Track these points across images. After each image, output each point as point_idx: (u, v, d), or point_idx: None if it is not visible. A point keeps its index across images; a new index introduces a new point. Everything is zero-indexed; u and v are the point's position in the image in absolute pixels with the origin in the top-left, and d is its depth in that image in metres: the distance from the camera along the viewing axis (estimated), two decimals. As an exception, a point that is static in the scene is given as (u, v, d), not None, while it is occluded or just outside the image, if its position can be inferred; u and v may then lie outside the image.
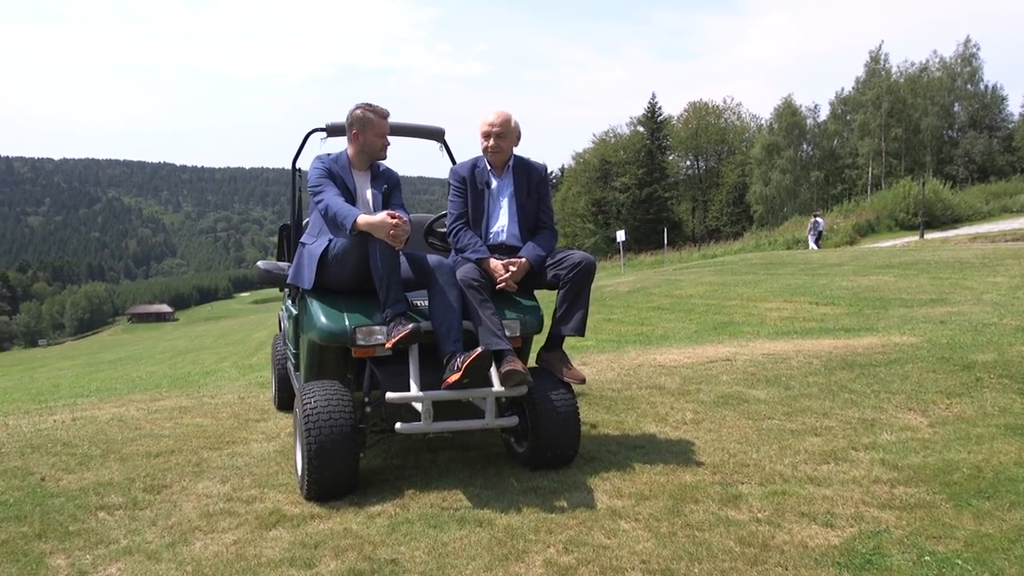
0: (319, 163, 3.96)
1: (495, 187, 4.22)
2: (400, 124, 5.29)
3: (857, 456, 4.06)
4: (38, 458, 4.44)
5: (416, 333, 3.54)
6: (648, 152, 62.80)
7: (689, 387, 5.69)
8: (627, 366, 6.58)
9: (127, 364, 20.91)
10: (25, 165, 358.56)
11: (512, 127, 4.17)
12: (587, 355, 7.50)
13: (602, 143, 67.01)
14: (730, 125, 66.74)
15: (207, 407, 5.64)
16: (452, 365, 3.57)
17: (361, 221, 3.59)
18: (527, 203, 4.23)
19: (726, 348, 7.39)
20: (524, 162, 4.28)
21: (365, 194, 4.03)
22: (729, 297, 14.27)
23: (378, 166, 4.12)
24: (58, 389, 12.06)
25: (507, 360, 3.66)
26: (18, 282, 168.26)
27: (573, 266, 3.97)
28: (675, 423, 4.79)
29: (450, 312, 3.68)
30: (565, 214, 65.35)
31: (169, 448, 4.55)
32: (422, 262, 3.81)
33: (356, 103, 4.02)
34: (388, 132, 4.03)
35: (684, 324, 11.51)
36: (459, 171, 4.27)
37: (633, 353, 7.37)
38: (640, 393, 5.57)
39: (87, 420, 5.37)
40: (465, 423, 3.67)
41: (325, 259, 3.79)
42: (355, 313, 3.77)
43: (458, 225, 4.20)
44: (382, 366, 3.77)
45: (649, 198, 60.61)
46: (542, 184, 4.29)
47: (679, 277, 19.87)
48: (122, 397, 6.65)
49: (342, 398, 3.62)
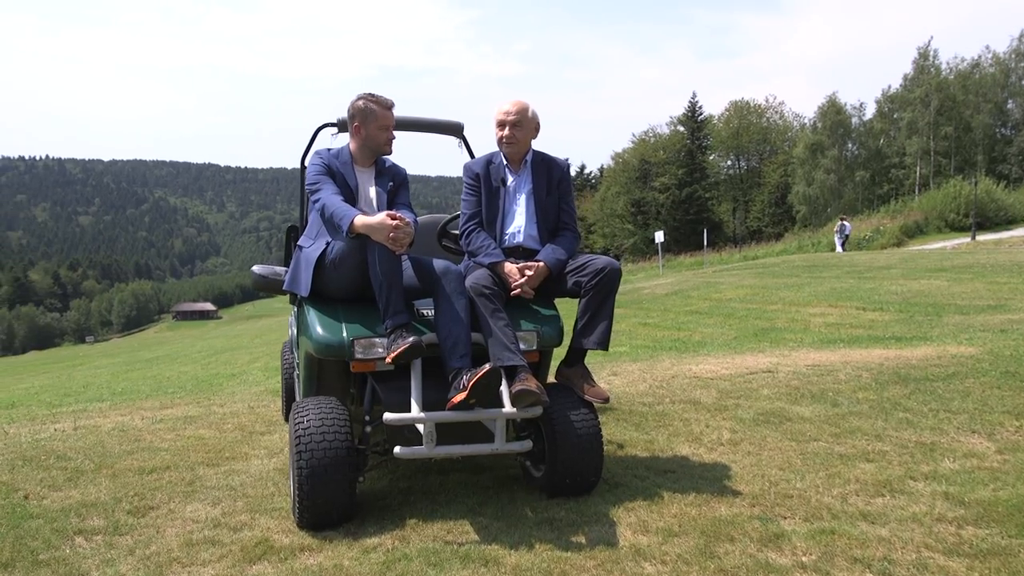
0: (318, 159, 3.63)
1: (512, 184, 3.86)
2: (417, 119, 4.98)
3: (916, 488, 3.60)
4: (28, 472, 4.19)
5: (417, 347, 3.18)
6: (688, 152, 61.84)
7: (727, 402, 5.26)
8: (660, 377, 6.16)
9: (162, 363, 20.99)
10: (76, 166, 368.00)
11: (529, 117, 3.80)
12: (618, 363, 7.09)
13: (642, 143, 66.19)
14: (772, 124, 65.41)
15: (213, 417, 5.37)
16: (458, 383, 3.21)
17: (358, 222, 3.25)
18: (547, 202, 3.85)
19: (767, 358, 6.92)
20: (544, 157, 3.91)
21: (368, 192, 3.69)
22: (770, 301, 13.71)
23: (383, 162, 3.78)
24: (86, 390, 12.00)
25: (520, 378, 3.29)
26: (69, 280, 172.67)
27: (596, 272, 3.59)
28: (710, 444, 4.37)
29: (457, 323, 3.32)
30: (604, 214, 64.71)
31: (164, 464, 4.27)
32: (428, 268, 3.46)
33: (358, 93, 3.68)
34: (394, 124, 3.69)
35: (723, 329, 11.02)
36: (473, 167, 3.91)
37: (667, 362, 6.94)
38: (673, 408, 5.15)
39: (88, 430, 5.13)
40: (472, 448, 3.30)
41: (323, 264, 3.46)
42: (354, 323, 3.43)
43: (471, 226, 3.85)
44: (384, 382, 3.42)
45: (689, 198, 59.67)
46: (564, 181, 3.91)
47: (719, 279, 19.30)
48: (133, 404, 6.43)
49: (338, 417, 3.28)
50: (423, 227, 4.74)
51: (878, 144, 56.68)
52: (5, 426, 5.51)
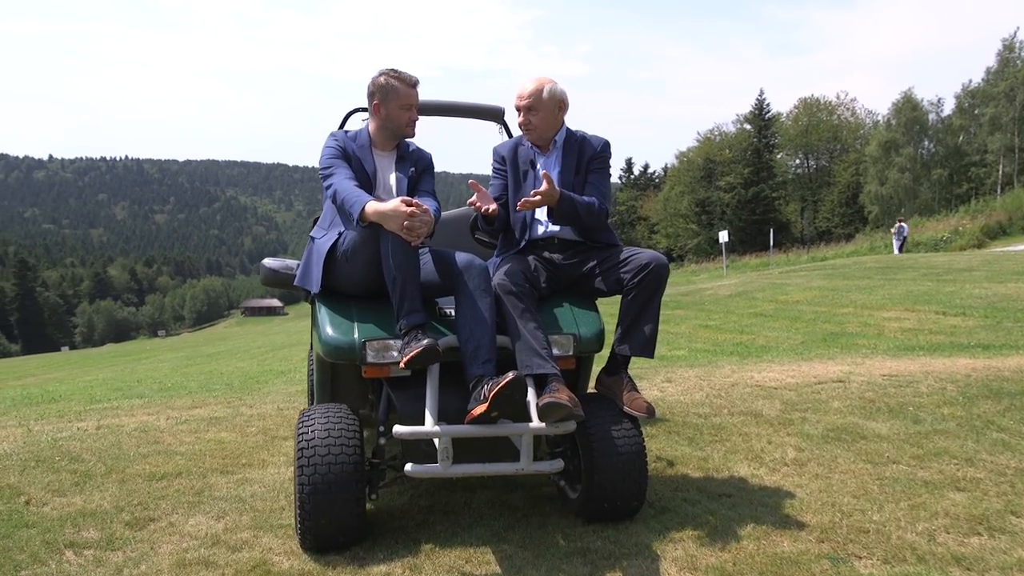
0: (332, 141, 3.29)
1: (540, 167, 3.45)
2: (454, 103, 4.64)
3: (1019, 525, 3.06)
4: (37, 475, 3.97)
5: (431, 352, 2.80)
6: (755, 150, 60.17)
7: (792, 415, 4.74)
8: (719, 385, 5.66)
9: (221, 359, 21.20)
10: (154, 167, 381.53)
11: (545, 99, 3.38)
12: (675, 369, 6.60)
13: (707, 142, 64.72)
14: (843, 122, 63.13)
15: (239, 419, 5.11)
16: (478, 393, 2.82)
17: (370, 209, 2.89)
18: (576, 183, 3.43)
19: (838, 366, 6.33)
20: (576, 136, 3.49)
21: (387, 178, 3.32)
22: (841, 304, 12.93)
23: (406, 145, 3.42)
24: (139, 384, 12.03)
25: (550, 388, 2.88)
26: (144, 276, 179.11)
27: (640, 268, 3.15)
28: (773, 463, 3.88)
29: (480, 325, 2.93)
30: (667, 214, 63.53)
31: (176, 469, 4.00)
32: (450, 261, 3.08)
33: (380, 68, 3.32)
34: (418, 104, 3.32)
35: (789, 334, 10.37)
36: (499, 150, 3.53)
37: (728, 368, 6.41)
38: (732, 421, 4.66)
39: (110, 429, 4.92)
40: (494, 467, 2.90)
41: (334, 256, 3.12)
42: (367, 323, 3.08)
43: None
44: (400, 389, 3.06)
45: (755, 198, 58.03)
46: (596, 160, 3.47)
47: (785, 281, 18.47)
48: (165, 402, 6.23)
49: (347, 427, 2.93)
50: (455, 219, 4.37)
51: (957, 141, 54.08)
52: (32, 423, 5.36)
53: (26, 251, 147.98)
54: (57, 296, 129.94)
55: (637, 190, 71.15)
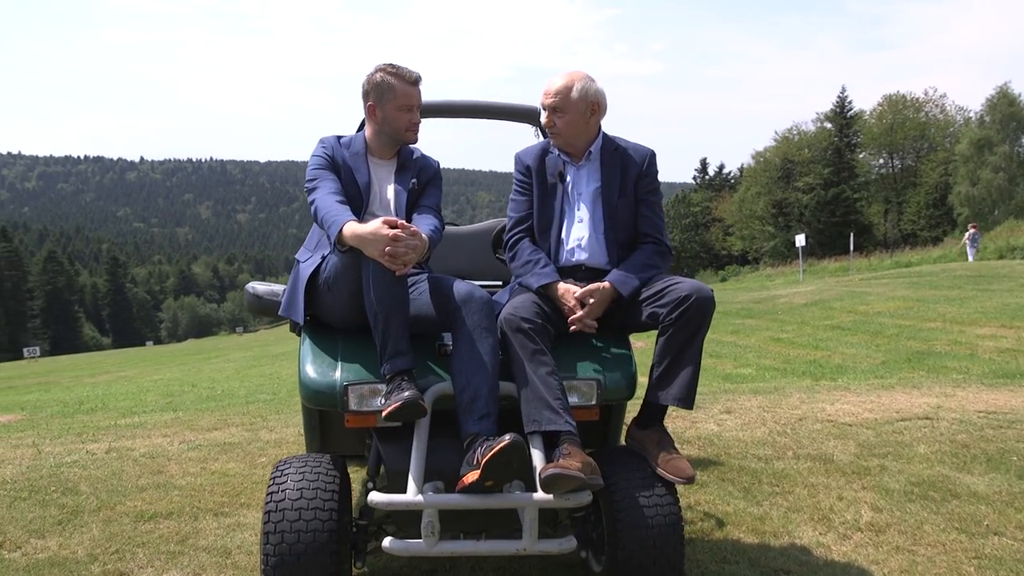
0: (320, 148, 2.85)
1: (571, 181, 2.93)
2: (485, 103, 4.18)
3: None
4: (24, 509, 3.68)
5: (412, 406, 2.33)
6: (836, 150, 57.77)
7: (869, 461, 4.09)
8: (784, 419, 5.03)
9: (284, 360, 21.29)
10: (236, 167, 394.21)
11: (574, 99, 2.82)
12: (736, 396, 5.97)
13: (785, 141, 62.52)
14: (931, 119, 60.02)
15: (253, 446, 4.75)
16: (471, 457, 2.33)
17: (347, 232, 2.44)
18: (620, 205, 2.89)
19: (924, 397, 5.60)
20: (617, 145, 2.94)
21: (384, 191, 2.87)
22: (928, 318, 11.93)
23: (408, 152, 2.95)
24: (195, 388, 12.02)
25: (561, 452, 2.37)
26: (226, 273, 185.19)
27: (678, 301, 2.60)
28: (844, 528, 3.27)
29: (478, 372, 2.44)
30: (742, 216, 61.68)
31: (169, 509, 3.64)
32: (446, 292, 2.59)
33: (377, 64, 2.87)
34: (418, 104, 2.85)
35: (869, 351, 9.53)
36: (523, 157, 3.01)
37: (796, 397, 5.74)
38: (797, 467, 4.04)
39: (118, 454, 4.63)
40: (491, 545, 2.41)
41: (316, 283, 2.68)
42: (352, 364, 2.63)
43: (517, 234, 2.95)
44: (389, 440, 2.60)
45: (835, 199, 55.72)
46: (645, 177, 2.92)
47: (866, 289, 17.38)
48: (188, 422, 5.93)
49: (325, 485, 2.48)
50: (478, 234, 3.91)
51: (1058, 139, 50.74)
52: (47, 442, 5.15)
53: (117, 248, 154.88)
54: (145, 292, 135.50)
55: (712, 191, 69.41)
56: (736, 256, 62.69)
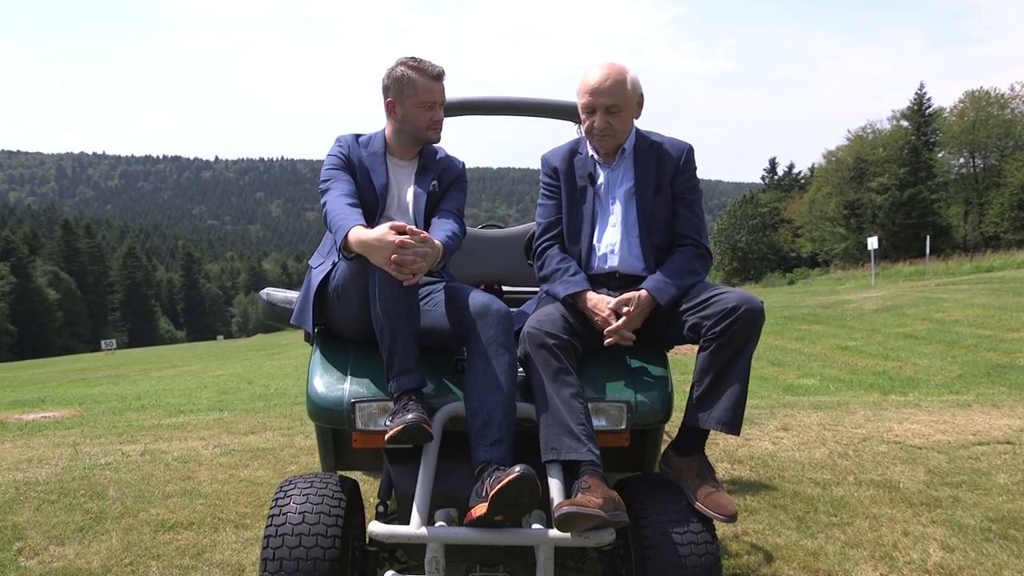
0: (336, 148, 2.68)
1: (603, 182, 2.69)
2: (524, 100, 3.98)
3: None
4: (50, 513, 3.63)
5: (415, 431, 2.13)
6: (912, 149, 55.54)
7: (941, 491, 3.72)
8: (847, 439, 4.66)
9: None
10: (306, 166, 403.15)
11: (629, 93, 2.57)
12: (795, 411, 5.61)
13: (858, 140, 60.43)
14: (1018, 116, 57.06)
15: (286, 452, 4.64)
16: (480, 487, 2.12)
17: (352, 237, 2.25)
18: (655, 205, 2.63)
19: (1005, 418, 5.15)
20: (651, 142, 2.68)
21: (403, 193, 2.68)
22: (1010, 327, 11.20)
23: (431, 152, 2.75)
24: (251, 385, 12.15)
25: (580, 485, 2.13)
26: (295, 270, 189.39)
27: (723, 314, 2.33)
28: (909, 569, 2.94)
29: (491, 393, 2.22)
30: (812, 217, 59.90)
31: (191, 518, 3.54)
32: (461, 304, 2.38)
33: (398, 58, 2.68)
34: (441, 100, 2.65)
35: (944, 363, 8.97)
36: (551, 159, 2.77)
37: (861, 415, 5.35)
38: (859, 495, 3.70)
39: (152, 457, 4.59)
40: None
41: (327, 291, 2.51)
42: (361, 379, 2.45)
43: (545, 241, 2.72)
44: (399, 461, 2.41)
45: (911, 200, 53.56)
46: (682, 177, 2.66)
47: (942, 295, 16.52)
48: (227, 425, 5.88)
49: (329, 510, 2.30)
50: (509, 238, 3.70)
51: None
52: (88, 443, 5.15)
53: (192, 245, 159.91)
54: (217, 287, 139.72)
55: (781, 191, 67.65)
56: (805, 258, 61.01)
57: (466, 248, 3.87)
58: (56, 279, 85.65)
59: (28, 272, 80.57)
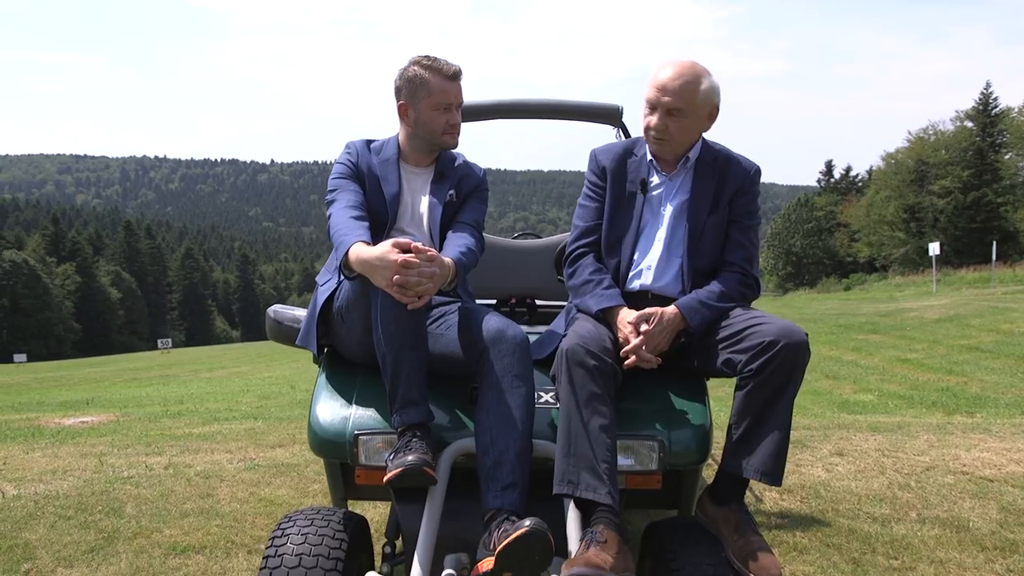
0: (344, 155, 2.48)
1: (656, 191, 2.42)
2: (558, 103, 3.77)
3: None
4: (64, 530, 3.52)
5: (414, 474, 1.92)
6: (977, 151, 53.53)
7: (1016, 533, 3.36)
8: (908, 467, 4.30)
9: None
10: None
11: (699, 100, 2.29)
12: (851, 433, 5.25)
13: (919, 141, 58.49)
14: (1092, 116, 54.69)
15: (312, 469, 4.46)
16: (487, 539, 1.89)
17: (353, 255, 2.05)
18: (709, 224, 2.35)
19: (1086, 446, 4.71)
20: (718, 155, 2.40)
21: (418, 203, 2.47)
22: (1087, 341, 10.53)
23: (449, 159, 2.54)
24: (293, 390, 12.15)
25: (592, 534, 1.89)
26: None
27: (760, 349, 2.05)
28: (980, 626, 2.62)
29: (505, 429, 2.00)
30: (870, 221, 58.23)
31: (204, 541, 3.39)
32: (475, 328, 2.15)
33: (411, 57, 2.47)
34: (458, 103, 2.43)
35: (1014, 379, 8.43)
36: (601, 157, 2.48)
37: (923, 440, 4.97)
38: (921, 534, 3.37)
39: (175, 471, 4.47)
40: None
41: (330, 311, 2.31)
42: (367, 408, 2.24)
43: (580, 247, 2.47)
44: (407, 499, 2.20)
45: (975, 204, 51.61)
46: (745, 196, 2.38)
47: (1010, 304, 15.74)
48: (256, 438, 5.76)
49: (329, 552, 2.10)
50: (541, 250, 3.47)
51: None
52: (114, 453, 5.07)
53: (248, 246, 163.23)
54: (271, 288, 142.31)
55: (837, 194, 65.98)
56: (862, 263, 59.39)
57: (498, 260, 3.64)
58: (118, 279, 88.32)
59: (92, 272, 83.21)
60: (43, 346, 66.84)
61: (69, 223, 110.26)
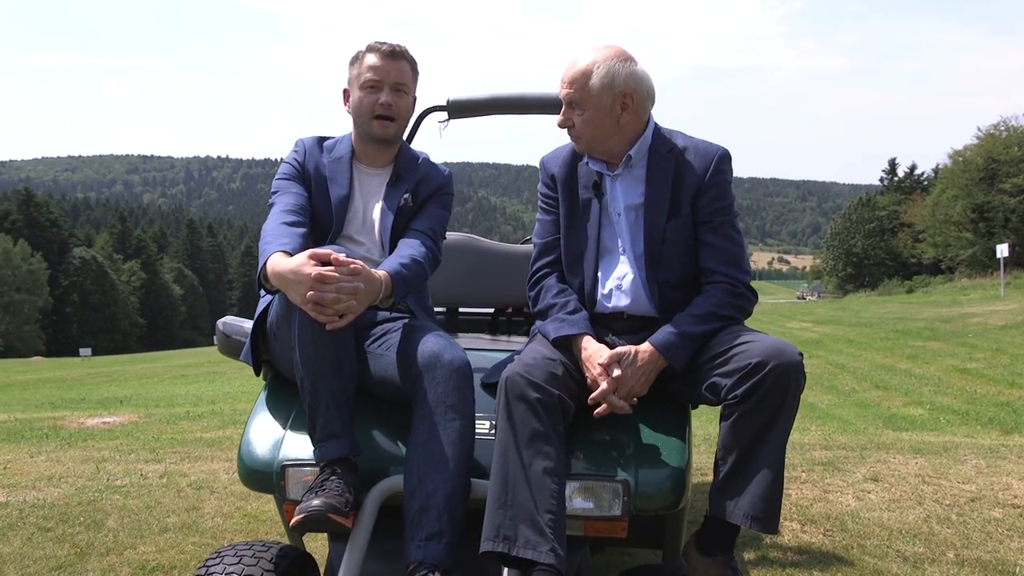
0: (291, 154, 2.25)
1: (611, 195, 2.14)
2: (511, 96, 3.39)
3: None
4: (37, 545, 3.39)
5: (318, 520, 1.68)
6: (1053, 147, 51.13)
7: (1067, 580, 2.96)
8: (951, 496, 3.90)
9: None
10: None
11: (595, 89, 1.99)
12: (890, 454, 4.83)
13: (989, 138, 56.10)
14: None
15: (306, 481, 4.30)
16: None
17: (270, 268, 1.82)
18: (671, 232, 2.06)
19: None
20: (672, 145, 2.10)
21: (370, 208, 2.22)
22: None
23: (410, 159, 2.29)
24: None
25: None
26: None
27: (745, 372, 1.76)
28: None
29: (434, 469, 1.74)
30: (936, 221, 56.12)
31: (173, 561, 3.21)
32: (410, 351, 1.90)
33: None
34: (394, 85, 2.14)
35: (1083, 395, 7.80)
36: (549, 164, 2.23)
37: (971, 465, 4.53)
38: (957, 578, 2.99)
39: (168, 481, 4.33)
40: None
41: (263, 327, 2.09)
42: (302, 434, 2.02)
43: (542, 268, 2.21)
44: (338, 539, 1.97)
45: (1051, 203, 49.28)
46: (709, 192, 2.06)
47: (1084, 312, 14.80)
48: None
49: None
50: (517, 256, 3.20)
51: None
52: (112, 459, 4.98)
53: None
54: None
55: (901, 193, 63.85)
56: (927, 265, 57.37)
57: (492, 267, 3.36)
58: (181, 276, 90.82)
59: (156, 269, 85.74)
60: (110, 340, 69.08)
61: (136, 221, 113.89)
